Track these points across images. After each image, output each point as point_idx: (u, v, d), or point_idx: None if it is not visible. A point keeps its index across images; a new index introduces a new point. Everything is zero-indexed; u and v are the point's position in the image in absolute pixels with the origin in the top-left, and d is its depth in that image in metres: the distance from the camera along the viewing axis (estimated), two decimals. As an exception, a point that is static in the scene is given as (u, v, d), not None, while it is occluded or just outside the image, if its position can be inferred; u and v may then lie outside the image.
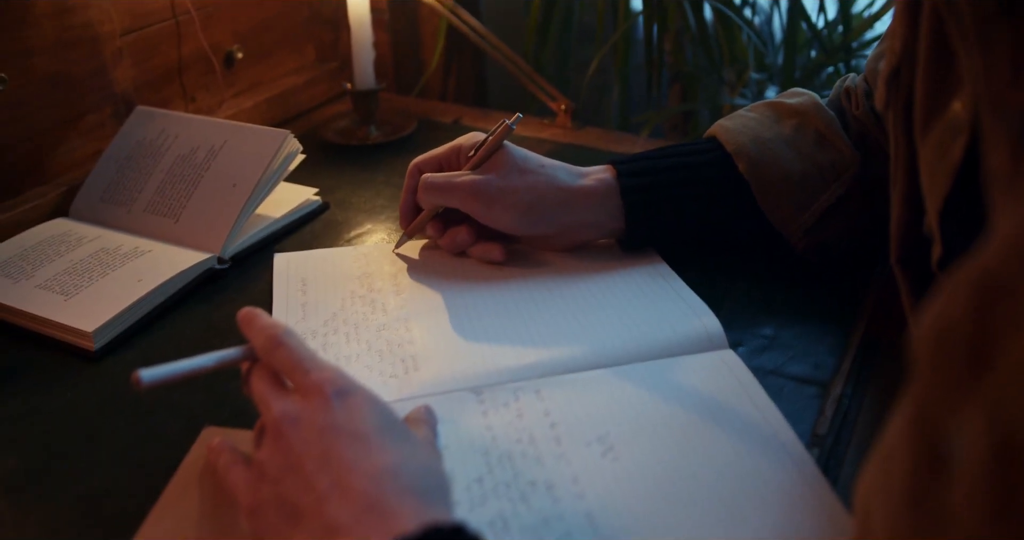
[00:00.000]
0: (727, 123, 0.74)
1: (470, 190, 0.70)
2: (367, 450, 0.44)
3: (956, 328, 0.28)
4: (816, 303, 0.70)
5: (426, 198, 0.72)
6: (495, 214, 0.71)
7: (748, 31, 1.18)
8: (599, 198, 0.71)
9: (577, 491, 0.51)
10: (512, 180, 0.70)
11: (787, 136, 0.72)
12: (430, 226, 0.76)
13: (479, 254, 0.75)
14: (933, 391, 0.29)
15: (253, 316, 0.52)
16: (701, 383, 0.60)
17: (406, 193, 0.76)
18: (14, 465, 0.57)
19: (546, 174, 0.71)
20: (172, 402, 0.61)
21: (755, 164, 0.70)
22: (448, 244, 0.75)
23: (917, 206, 0.50)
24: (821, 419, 0.58)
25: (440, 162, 0.75)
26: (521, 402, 0.59)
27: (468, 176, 0.71)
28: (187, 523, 0.50)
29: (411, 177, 0.75)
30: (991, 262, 0.27)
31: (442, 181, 0.71)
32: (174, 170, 0.82)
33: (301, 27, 1.14)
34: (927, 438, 0.28)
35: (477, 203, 0.71)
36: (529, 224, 0.71)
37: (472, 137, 0.74)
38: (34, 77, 0.83)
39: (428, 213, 0.75)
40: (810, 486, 0.51)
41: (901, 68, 0.50)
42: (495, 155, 0.72)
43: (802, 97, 0.74)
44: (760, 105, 0.76)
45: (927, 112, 0.47)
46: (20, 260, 0.74)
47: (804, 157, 0.71)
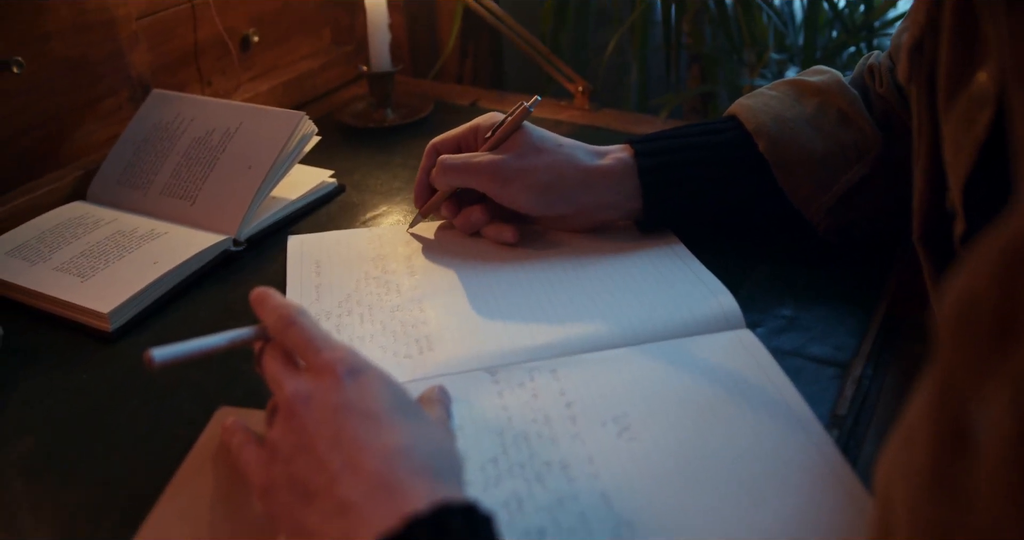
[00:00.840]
0: (748, 101, 0.73)
1: (488, 170, 0.70)
2: (379, 429, 0.44)
3: (980, 301, 0.26)
4: (837, 284, 0.69)
5: (443, 179, 0.72)
6: (512, 194, 0.70)
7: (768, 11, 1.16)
8: (617, 178, 0.71)
9: (592, 471, 0.51)
10: (530, 160, 0.70)
11: (809, 115, 0.70)
12: (445, 206, 0.75)
13: (492, 235, 0.74)
14: (957, 368, 0.27)
15: (266, 296, 0.52)
16: (718, 363, 0.59)
17: (422, 173, 0.76)
18: (30, 446, 0.57)
19: (564, 154, 0.71)
20: (187, 382, 0.61)
21: (775, 143, 0.69)
22: (462, 224, 0.75)
23: (940, 182, 0.49)
24: (841, 400, 0.57)
25: (458, 142, 0.75)
26: (536, 382, 0.58)
27: (486, 156, 0.70)
28: (200, 502, 0.50)
29: (428, 157, 0.75)
30: (1017, 232, 0.26)
31: (460, 162, 0.71)
32: (190, 153, 0.82)
33: (317, 10, 1.14)
34: (950, 416, 0.27)
35: (494, 183, 0.70)
36: (546, 204, 0.70)
37: (490, 117, 0.74)
38: (51, 61, 0.83)
39: (443, 193, 0.74)
40: (830, 467, 0.50)
41: (924, 39, 0.48)
42: (513, 136, 0.71)
43: (825, 75, 0.73)
44: (782, 83, 0.74)
45: (951, 84, 0.46)
46: (38, 243, 0.75)
47: (826, 136, 0.69)
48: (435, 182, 0.73)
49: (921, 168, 0.51)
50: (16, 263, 0.72)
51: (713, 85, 1.26)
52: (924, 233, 0.52)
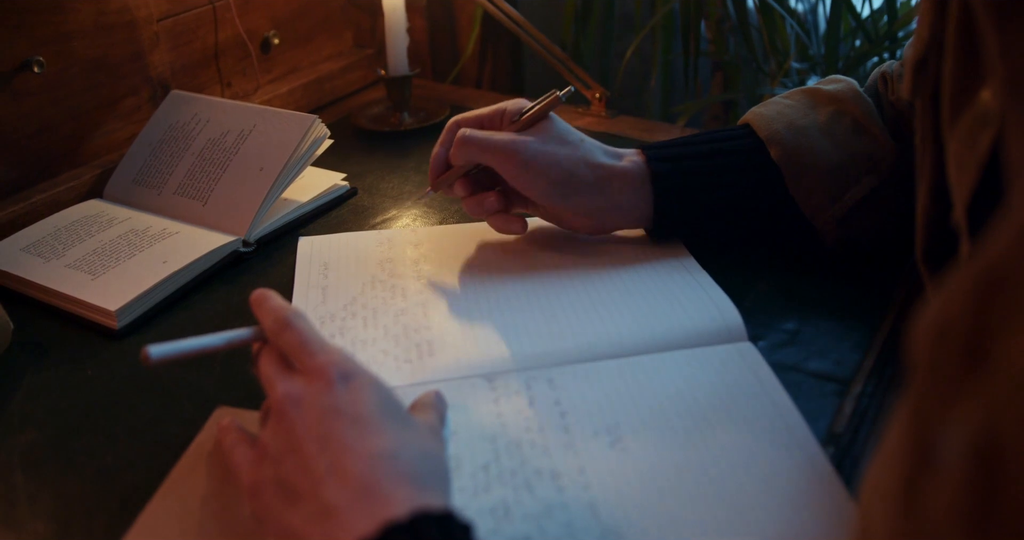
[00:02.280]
0: (761, 110, 0.72)
1: (508, 148, 0.68)
2: (366, 433, 0.44)
3: (954, 324, 0.26)
4: (842, 298, 0.68)
5: (461, 153, 0.70)
6: (529, 178, 0.69)
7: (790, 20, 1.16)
8: (634, 181, 0.70)
9: (583, 481, 0.51)
10: (552, 147, 0.69)
11: (822, 123, 0.70)
12: (459, 184, 0.73)
13: (500, 225, 0.74)
14: (929, 390, 0.27)
15: (264, 297, 0.53)
16: (716, 376, 0.59)
17: (439, 147, 0.73)
18: (33, 438, 0.58)
19: (585, 149, 0.70)
20: (189, 382, 0.62)
21: (788, 151, 0.69)
22: (473, 207, 0.73)
23: (944, 200, 0.49)
24: (839, 417, 0.57)
25: (482, 122, 0.73)
26: (533, 390, 0.58)
27: (508, 135, 0.69)
28: (193, 501, 0.51)
29: (448, 131, 0.73)
30: (990, 259, 0.26)
31: (481, 136, 0.69)
32: (204, 154, 0.83)
33: (339, 13, 1.15)
34: (921, 439, 0.27)
35: (512, 164, 0.68)
36: (562, 196, 0.69)
37: (517, 102, 0.72)
38: (72, 61, 0.85)
39: (459, 169, 0.72)
40: (823, 484, 0.50)
41: (928, 56, 0.48)
42: (538, 124, 0.70)
43: (840, 84, 0.72)
44: (797, 92, 0.74)
45: (955, 102, 0.45)
46: (53, 240, 0.76)
47: (839, 146, 0.69)
48: (453, 157, 0.71)
49: (925, 185, 0.50)
50: (30, 259, 0.74)
51: (735, 93, 1.25)
52: (927, 252, 0.51)
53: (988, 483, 0.24)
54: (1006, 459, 0.23)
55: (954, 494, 0.25)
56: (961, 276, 0.27)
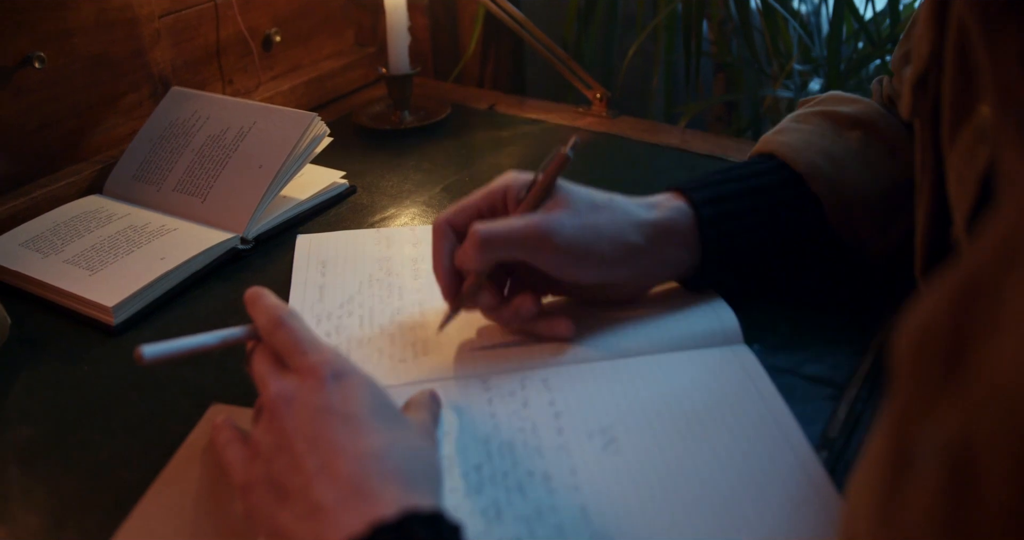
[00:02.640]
0: (785, 138, 0.66)
1: (542, 233, 0.56)
2: (356, 432, 0.44)
3: (936, 331, 0.26)
4: (839, 303, 0.68)
5: (484, 256, 0.57)
6: (574, 261, 0.58)
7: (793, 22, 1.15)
8: (682, 230, 0.61)
9: (574, 483, 0.51)
10: (588, 217, 0.58)
11: (856, 150, 0.65)
12: (485, 293, 0.60)
13: (545, 332, 0.61)
14: (910, 397, 0.28)
15: (258, 296, 0.53)
16: (711, 378, 0.59)
17: (441, 257, 0.60)
18: (29, 434, 0.58)
19: (620, 207, 0.60)
20: (185, 378, 0.62)
21: (830, 185, 0.63)
22: (509, 318, 0.61)
23: (943, 216, 0.49)
24: (833, 421, 0.57)
25: (479, 212, 0.61)
26: (527, 391, 0.58)
27: (534, 218, 0.57)
28: (185, 498, 0.51)
29: (442, 237, 0.60)
30: (971, 267, 0.26)
31: (502, 230, 0.57)
32: (204, 150, 0.83)
33: (340, 11, 1.15)
34: (901, 443, 0.27)
35: (551, 251, 0.57)
36: (613, 270, 0.59)
37: (516, 177, 0.61)
38: (73, 57, 0.85)
39: (480, 277, 0.59)
40: (815, 489, 0.50)
41: (928, 74, 0.48)
42: (553, 195, 0.59)
43: (857, 104, 0.68)
44: (812, 115, 0.69)
45: (955, 118, 0.45)
46: (52, 235, 0.76)
47: (879, 174, 0.65)
48: (467, 262, 0.58)
49: (924, 201, 0.50)
50: (29, 255, 0.74)
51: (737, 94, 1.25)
52: (927, 267, 0.51)
53: (962, 488, 0.24)
54: (979, 466, 0.23)
55: (931, 498, 0.25)
56: (944, 283, 0.27)
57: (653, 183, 0.88)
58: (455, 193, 0.88)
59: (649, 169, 0.92)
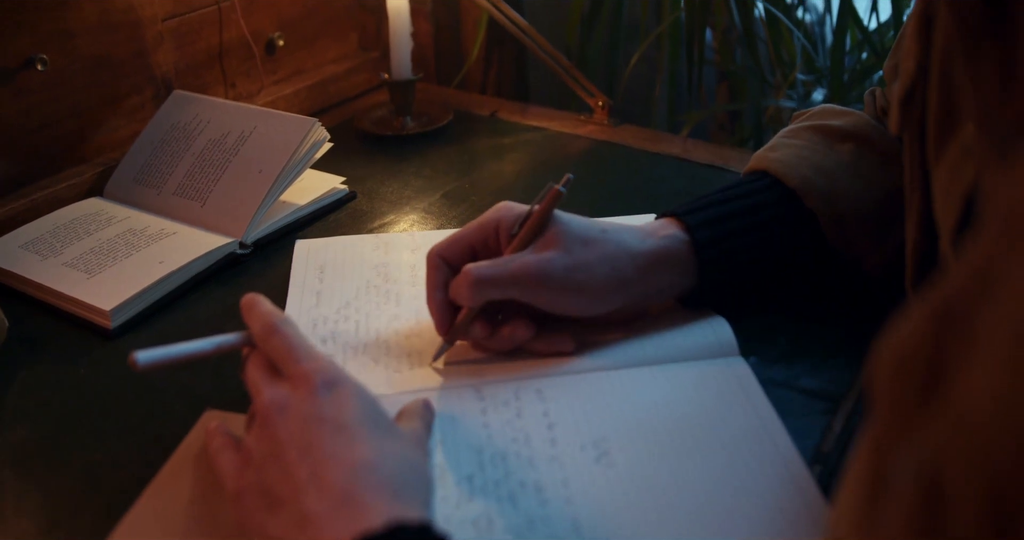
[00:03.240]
0: (776, 155, 0.66)
1: (534, 275, 0.57)
2: (347, 442, 0.44)
3: (912, 357, 0.27)
4: (837, 315, 0.67)
5: (476, 295, 0.58)
6: (569, 299, 0.59)
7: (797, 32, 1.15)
8: (678, 258, 0.62)
9: (566, 495, 0.51)
10: (579, 254, 0.58)
11: (848, 163, 0.65)
12: (477, 326, 0.61)
13: (544, 349, 0.62)
14: (887, 421, 0.28)
15: (254, 303, 0.53)
16: (706, 391, 0.59)
17: (435, 290, 0.61)
18: (24, 435, 0.58)
19: (613, 240, 0.60)
20: (181, 382, 0.62)
21: (824, 199, 0.64)
22: (505, 344, 0.61)
23: (932, 230, 0.49)
24: (828, 435, 0.56)
25: (472, 246, 0.61)
26: (521, 401, 0.58)
27: (526, 259, 0.58)
28: (178, 503, 0.51)
29: (436, 270, 0.61)
30: (948, 293, 0.26)
31: (497, 272, 0.58)
32: (204, 154, 0.83)
33: (344, 15, 1.15)
34: (877, 469, 0.28)
35: (545, 291, 0.58)
36: (607, 303, 0.60)
37: (509, 209, 0.61)
38: (76, 58, 0.85)
39: (472, 311, 0.60)
40: (807, 504, 0.50)
41: (915, 90, 0.48)
42: (547, 230, 0.59)
43: (848, 116, 0.68)
44: (803, 130, 0.68)
45: (941, 134, 0.45)
46: (51, 237, 0.77)
47: (871, 185, 0.65)
48: (460, 299, 0.59)
49: (913, 215, 0.50)
50: (28, 257, 0.74)
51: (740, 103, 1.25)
52: (917, 280, 0.51)
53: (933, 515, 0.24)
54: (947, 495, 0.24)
55: (904, 522, 0.25)
56: (922, 308, 0.27)
57: (653, 192, 0.88)
58: (455, 200, 0.88)
59: (650, 178, 0.92)
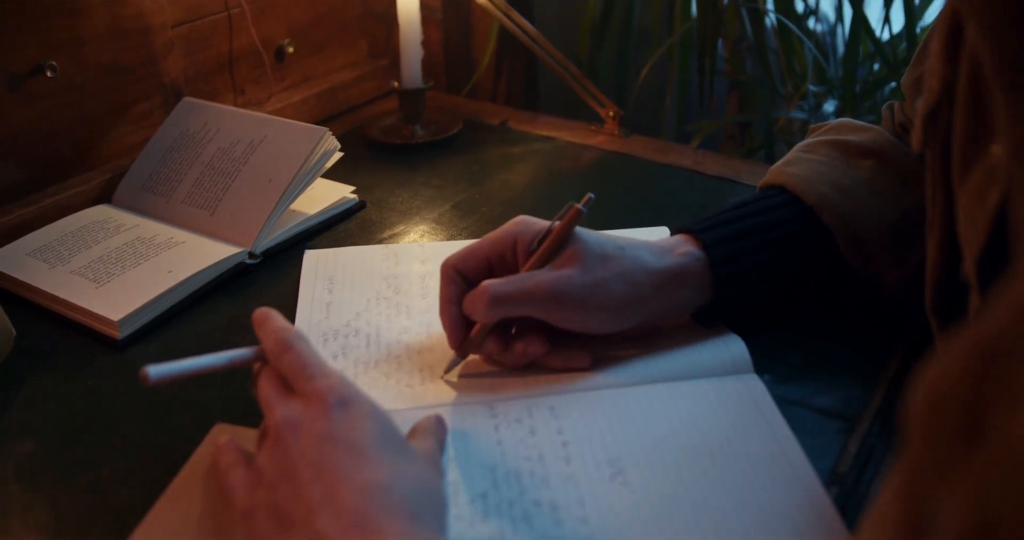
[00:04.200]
0: (794, 170, 0.66)
1: (552, 294, 0.57)
2: (361, 463, 0.43)
3: (951, 397, 0.26)
4: (851, 334, 0.67)
5: (492, 313, 0.58)
6: (585, 318, 0.59)
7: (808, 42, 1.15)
8: (694, 275, 0.61)
9: (582, 514, 0.50)
10: (597, 272, 0.58)
11: (866, 179, 0.64)
12: (491, 341, 0.60)
13: (560, 365, 0.61)
14: (923, 462, 0.27)
15: (266, 317, 0.52)
16: (719, 408, 0.58)
17: (448, 303, 0.60)
18: (30, 448, 0.58)
19: (630, 257, 0.60)
20: (189, 396, 0.62)
21: (843, 216, 0.63)
22: (518, 360, 0.61)
23: (954, 252, 0.48)
24: (844, 456, 0.56)
25: (488, 260, 0.61)
26: (535, 418, 0.58)
27: (544, 277, 0.58)
28: (188, 520, 0.50)
29: (450, 283, 0.61)
30: (990, 330, 0.25)
31: (514, 289, 0.57)
32: (214, 162, 0.83)
33: (354, 23, 1.15)
34: (912, 511, 0.27)
35: (562, 309, 0.58)
36: (624, 320, 0.60)
37: (527, 225, 0.61)
38: (85, 65, 0.85)
39: (487, 326, 0.60)
40: (824, 526, 0.49)
41: (939, 108, 0.47)
42: (566, 246, 0.59)
43: (866, 132, 0.67)
44: (820, 145, 0.68)
45: (966, 155, 0.44)
46: (59, 245, 0.76)
47: (890, 203, 0.64)
48: (475, 314, 0.59)
49: (935, 237, 0.50)
50: (36, 264, 0.73)
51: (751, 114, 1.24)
52: (937, 304, 0.50)
53: None
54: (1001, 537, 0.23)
55: None
56: (960, 345, 0.27)
57: (665, 205, 0.88)
58: (465, 211, 0.87)
59: (660, 190, 0.91)
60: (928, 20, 1.21)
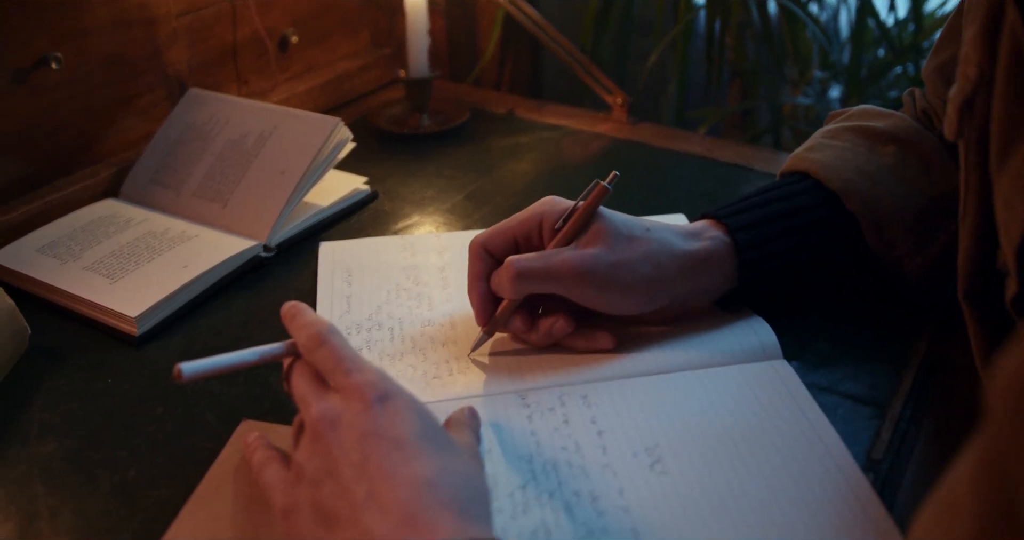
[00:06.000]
0: (817, 156, 0.65)
1: (578, 271, 0.57)
2: (406, 458, 0.43)
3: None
4: (877, 318, 0.66)
5: (518, 288, 0.58)
6: (611, 296, 0.59)
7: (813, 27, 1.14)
8: (720, 260, 0.61)
9: (623, 504, 0.50)
10: (623, 252, 0.58)
11: (890, 166, 0.64)
12: (518, 319, 0.61)
13: (584, 346, 0.61)
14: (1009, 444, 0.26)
15: (297, 311, 0.51)
16: (752, 395, 0.58)
17: (477, 280, 0.61)
18: (53, 449, 0.56)
19: (657, 239, 0.60)
20: (211, 392, 0.61)
21: (866, 203, 0.62)
22: (541, 338, 0.61)
23: (989, 239, 0.47)
24: (878, 442, 0.55)
25: (514, 238, 0.61)
26: (567, 408, 0.57)
27: (570, 254, 0.58)
28: (221, 520, 0.50)
29: (478, 260, 0.61)
30: None
31: (539, 265, 0.58)
32: (224, 155, 0.81)
33: (356, 12, 1.13)
34: (1000, 493, 0.26)
35: (587, 287, 0.58)
36: (648, 301, 0.60)
37: (553, 204, 0.61)
38: (89, 57, 0.83)
39: (513, 303, 0.60)
40: (866, 513, 0.49)
41: (976, 96, 0.46)
42: (591, 226, 0.59)
43: (889, 118, 0.67)
44: (843, 131, 0.67)
45: (1005, 141, 0.44)
46: (69, 241, 0.74)
47: (915, 190, 0.63)
48: (502, 291, 0.60)
49: (968, 224, 0.49)
50: (47, 261, 0.72)
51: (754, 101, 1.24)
52: (969, 291, 0.50)
53: None
54: None
55: None
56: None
57: (678, 192, 0.87)
58: (478, 201, 0.86)
59: (673, 178, 0.91)
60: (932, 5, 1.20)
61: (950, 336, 0.64)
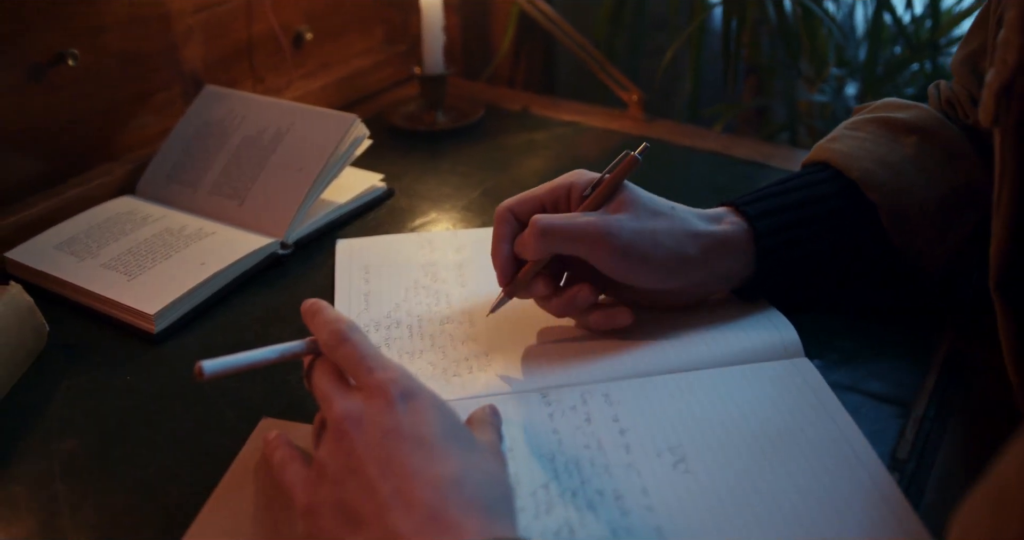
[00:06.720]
0: (838, 146, 0.65)
1: (601, 232, 0.57)
2: (431, 457, 0.42)
3: None
4: (899, 316, 0.66)
5: (542, 245, 0.58)
6: (630, 264, 0.58)
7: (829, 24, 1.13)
8: (739, 245, 0.61)
9: (647, 503, 0.49)
10: (647, 222, 0.59)
11: (911, 156, 0.63)
12: (540, 283, 0.61)
13: (603, 322, 0.62)
14: None
15: (318, 309, 0.51)
16: (775, 393, 0.57)
17: (501, 242, 0.61)
18: (73, 447, 0.56)
19: (680, 217, 0.60)
20: (230, 390, 0.60)
21: (886, 193, 0.62)
22: (563, 307, 0.61)
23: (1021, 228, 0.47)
24: (902, 442, 0.55)
25: (542, 204, 0.62)
26: (589, 406, 0.57)
27: (595, 216, 0.59)
28: (242, 518, 0.49)
29: (504, 223, 0.61)
30: None
31: (562, 223, 0.58)
32: (240, 152, 0.81)
33: (371, 8, 1.13)
34: None
35: (608, 250, 0.58)
36: (667, 277, 0.60)
37: (581, 175, 0.62)
38: (105, 53, 0.83)
39: (536, 265, 0.60)
40: (892, 511, 0.48)
41: (1015, 82, 0.46)
42: (617, 195, 0.60)
43: (912, 110, 0.66)
44: (864, 122, 0.67)
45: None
46: (86, 237, 0.74)
47: (935, 180, 0.63)
48: (525, 250, 0.60)
49: (1002, 215, 0.48)
50: (65, 258, 0.72)
51: (769, 98, 1.23)
52: (1002, 282, 0.49)
53: None
54: None
55: None
56: None
57: (696, 188, 0.87)
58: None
59: (691, 174, 0.90)
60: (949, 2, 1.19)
61: (973, 333, 0.64)
